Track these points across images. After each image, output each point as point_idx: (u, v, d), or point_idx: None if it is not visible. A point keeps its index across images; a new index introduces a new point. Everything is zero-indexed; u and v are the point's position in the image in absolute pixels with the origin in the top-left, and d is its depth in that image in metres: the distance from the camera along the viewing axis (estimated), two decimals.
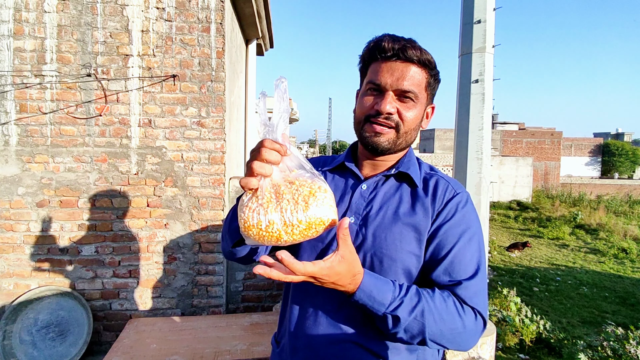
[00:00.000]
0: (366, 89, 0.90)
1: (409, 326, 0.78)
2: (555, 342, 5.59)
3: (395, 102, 0.88)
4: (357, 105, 0.94)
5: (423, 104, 0.91)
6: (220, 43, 2.67)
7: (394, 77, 0.86)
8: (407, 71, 0.86)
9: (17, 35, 2.51)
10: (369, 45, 0.90)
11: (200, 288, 2.76)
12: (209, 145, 2.70)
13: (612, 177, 28.50)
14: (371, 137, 0.90)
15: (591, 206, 18.86)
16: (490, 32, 4.69)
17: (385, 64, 0.87)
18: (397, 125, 0.89)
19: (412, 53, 0.85)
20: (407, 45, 0.85)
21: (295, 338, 0.93)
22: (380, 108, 0.86)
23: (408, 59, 0.86)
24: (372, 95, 0.89)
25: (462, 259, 0.85)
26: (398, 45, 0.85)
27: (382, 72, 0.87)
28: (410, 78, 0.86)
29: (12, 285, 2.58)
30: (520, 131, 27.88)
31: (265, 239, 0.74)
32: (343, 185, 0.98)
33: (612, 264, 11.47)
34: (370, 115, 0.89)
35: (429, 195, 0.92)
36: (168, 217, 2.70)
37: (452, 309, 0.81)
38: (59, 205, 2.60)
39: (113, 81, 2.60)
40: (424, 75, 0.88)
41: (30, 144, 2.57)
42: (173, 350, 2.03)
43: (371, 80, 0.88)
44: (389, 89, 0.87)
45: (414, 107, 0.89)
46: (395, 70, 0.86)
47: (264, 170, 0.73)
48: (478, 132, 4.73)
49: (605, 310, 7.76)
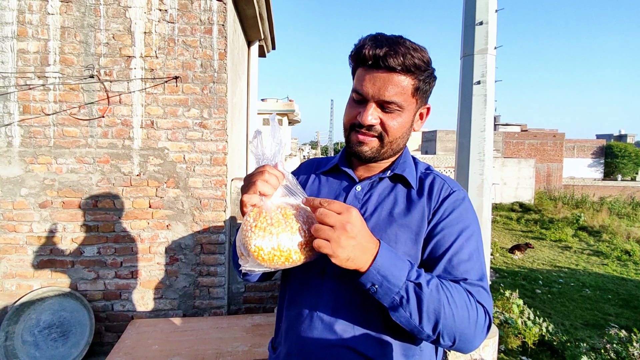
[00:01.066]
0: (351, 97, 0.89)
1: (429, 301, 0.73)
2: (557, 344, 5.56)
3: (378, 112, 0.85)
4: (344, 112, 0.92)
5: (411, 110, 0.88)
6: (223, 45, 2.67)
7: (376, 88, 0.83)
8: (389, 81, 0.82)
9: (20, 37, 2.52)
10: (354, 49, 0.87)
11: (201, 289, 2.76)
12: (211, 146, 2.71)
13: (615, 178, 28.37)
14: (355, 147, 0.89)
15: (594, 208, 18.78)
16: (492, 34, 4.69)
17: (368, 72, 0.84)
18: (381, 135, 0.87)
19: (393, 61, 0.80)
20: (390, 52, 0.80)
21: (289, 342, 0.91)
22: (361, 120, 0.85)
23: (390, 68, 0.81)
24: (353, 106, 0.88)
25: (461, 257, 0.83)
26: (380, 51, 0.80)
27: (365, 82, 0.84)
28: (393, 88, 0.82)
29: (14, 286, 2.59)
30: (522, 133, 27.82)
31: (276, 260, 0.74)
32: (337, 187, 0.97)
33: (615, 266, 11.41)
34: (354, 124, 0.88)
35: (424, 194, 0.90)
36: (170, 218, 2.70)
37: (464, 296, 0.77)
38: (61, 206, 2.61)
39: (116, 82, 2.61)
40: (409, 81, 0.83)
41: (33, 145, 2.58)
42: (174, 352, 2.03)
43: (355, 89, 0.87)
44: (371, 100, 0.84)
45: (398, 116, 0.86)
46: (377, 80, 0.82)
47: (266, 189, 0.75)
48: (480, 133, 4.72)
49: (608, 313, 7.72)
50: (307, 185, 1.01)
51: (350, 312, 0.86)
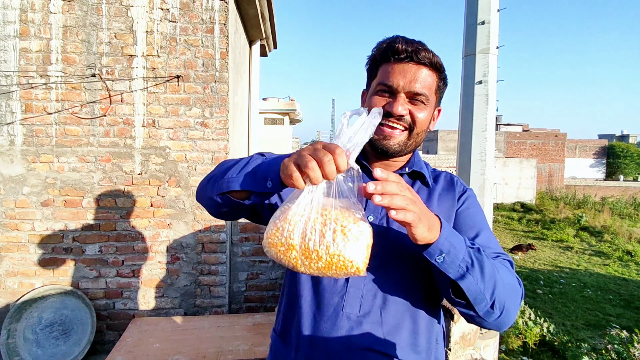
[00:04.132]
0: (376, 90, 0.89)
1: (487, 265, 0.74)
2: (558, 345, 5.55)
3: (407, 103, 0.87)
4: (367, 106, 0.90)
5: (432, 106, 0.91)
6: (224, 44, 2.68)
7: (407, 79, 0.85)
8: (420, 73, 0.86)
9: (23, 36, 2.53)
10: (380, 46, 0.89)
11: (203, 288, 2.76)
12: (212, 145, 2.71)
13: (617, 179, 28.29)
14: (380, 141, 0.88)
15: (596, 208, 18.73)
16: (494, 33, 4.68)
17: (398, 65, 0.86)
18: (410, 127, 0.88)
19: (424, 55, 0.85)
20: (420, 48, 0.85)
21: (311, 345, 0.88)
22: (392, 109, 0.85)
23: (420, 62, 0.85)
24: (382, 97, 0.88)
25: (490, 238, 0.89)
26: (411, 47, 0.85)
27: (394, 74, 0.86)
28: (423, 80, 0.86)
29: (16, 284, 2.60)
30: (524, 132, 27.76)
31: (283, 261, 0.67)
32: None
33: (617, 267, 11.39)
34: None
35: (445, 187, 0.96)
36: (171, 217, 2.71)
37: (506, 265, 0.82)
38: (63, 205, 2.62)
39: (117, 82, 2.61)
40: (434, 78, 0.89)
41: (36, 143, 2.58)
42: (176, 350, 2.03)
43: (382, 82, 0.87)
44: (401, 91, 0.86)
45: (425, 109, 0.89)
46: (408, 72, 0.85)
47: (316, 175, 0.61)
48: (482, 133, 4.72)
49: (610, 313, 7.71)
50: None
51: (379, 311, 0.86)
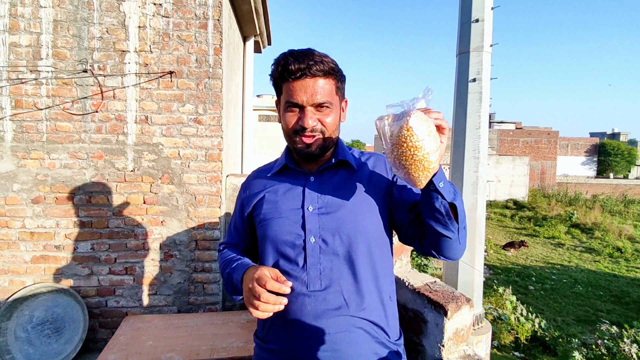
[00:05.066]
0: (286, 107, 1.02)
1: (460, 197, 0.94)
2: (550, 340, 5.62)
3: (314, 114, 1.00)
4: (282, 121, 1.05)
5: (337, 105, 1.05)
6: (218, 40, 2.65)
7: (308, 94, 0.98)
8: (317, 85, 0.98)
9: (12, 30, 2.49)
10: (277, 67, 1.00)
11: (196, 285, 2.75)
12: (206, 142, 2.69)
13: (608, 176, 28.64)
14: (304, 149, 1.03)
15: (587, 205, 18.96)
16: (488, 31, 4.70)
17: (296, 82, 0.98)
18: (322, 132, 1.02)
19: (316, 69, 0.97)
20: (311, 63, 0.96)
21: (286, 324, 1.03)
22: (304, 124, 0.99)
23: (315, 75, 0.98)
24: (293, 112, 1.01)
25: None
26: (303, 64, 0.96)
27: (296, 92, 0.98)
28: (322, 90, 0.99)
29: (7, 282, 2.57)
30: (517, 130, 27.96)
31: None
32: (293, 182, 1.10)
33: (607, 263, 11.54)
34: (297, 130, 1.01)
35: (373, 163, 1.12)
36: (164, 214, 2.69)
37: None
38: (54, 202, 2.59)
39: (109, 77, 2.58)
40: (331, 83, 1.02)
41: (26, 140, 2.55)
42: (169, 348, 2.02)
43: (288, 100, 1.00)
44: (307, 105, 0.99)
45: (331, 113, 1.03)
46: (308, 87, 0.98)
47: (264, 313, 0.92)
48: (475, 131, 4.74)
49: (600, 309, 7.82)
50: (265, 187, 1.14)
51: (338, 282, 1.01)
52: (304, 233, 1.02)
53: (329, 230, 1.01)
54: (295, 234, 1.03)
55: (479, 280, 4.92)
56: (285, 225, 1.04)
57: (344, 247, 1.01)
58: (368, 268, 1.03)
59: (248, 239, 1.21)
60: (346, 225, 1.01)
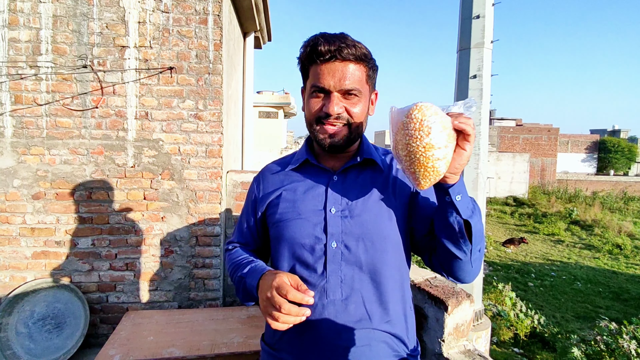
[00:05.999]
0: (311, 92, 0.94)
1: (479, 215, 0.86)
2: (549, 336, 5.64)
3: (341, 101, 0.92)
4: (305, 108, 0.98)
5: (367, 96, 0.97)
6: (218, 35, 2.64)
7: (336, 79, 0.90)
8: (347, 70, 0.90)
9: (11, 25, 2.48)
10: (305, 48, 0.93)
11: (197, 281, 2.76)
12: (206, 138, 2.69)
13: (608, 173, 28.63)
14: (326, 139, 0.95)
15: (587, 202, 18.97)
16: (489, 28, 4.68)
17: (325, 65, 0.90)
18: (348, 122, 0.94)
19: (347, 52, 0.89)
20: (342, 45, 0.89)
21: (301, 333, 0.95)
22: (328, 110, 0.91)
23: (345, 59, 0.90)
24: (318, 98, 0.93)
25: None
26: (334, 46, 0.89)
27: (324, 75, 0.90)
28: (351, 76, 0.91)
29: (8, 278, 2.58)
30: (517, 127, 27.93)
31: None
32: (314, 180, 1.01)
33: (607, 260, 11.57)
34: (321, 117, 0.94)
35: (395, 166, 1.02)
36: (165, 210, 2.69)
37: None
38: (55, 198, 2.59)
39: (109, 73, 2.57)
40: (362, 70, 0.93)
41: (26, 135, 2.54)
42: (170, 343, 2.03)
43: (314, 84, 0.92)
44: (333, 90, 0.91)
45: (359, 102, 0.94)
46: (336, 72, 0.90)
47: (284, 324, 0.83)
48: (475, 127, 4.73)
49: (599, 306, 7.84)
50: (283, 184, 1.05)
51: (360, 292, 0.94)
52: (325, 237, 0.94)
53: (352, 235, 0.93)
54: (316, 237, 0.95)
55: (478, 277, 4.94)
56: (304, 228, 0.96)
57: (368, 254, 0.93)
58: (392, 278, 0.96)
59: (260, 239, 1.12)
60: (371, 230, 0.93)
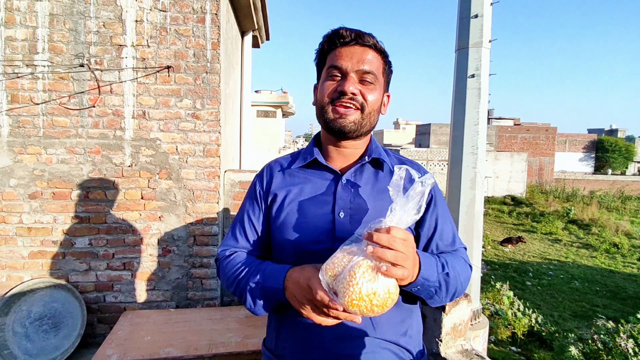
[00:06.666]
0: (327, 75, 0.94)
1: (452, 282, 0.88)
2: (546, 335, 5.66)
3: (357, 84, 0.91)
4: (319, 92, 0.96)
5: (381, 87, 0.96)
6: (216, 34, 2.64)
7: (354, 60, 0.91)
8: (366, 54, 0.92)
9: (8, 23, 2.46)
10: (327, 36, 0.95)
11: (195, 281, 2.75)
12: (203, 137, 2.68)
13: (606, 172, 28.71)
14: (336, 120, 0.92)
15: (584, 201, 19.02)
16: (487, 27, 4.68)
17: (345, 48, 0.92)
18: (362, 106, 0.92)
19: (368, 39, 0.92)
20: (364, 33, 0.92)
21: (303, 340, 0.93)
22: (344, 89, 0.90)
23: (365, 44, 0.92)
24: (333, 80, 0.93)
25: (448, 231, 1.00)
26: (355, 32, 0.92)
27: (343, 57, 0.91)
28: (370, 61, 0.92)
29: (4, 278, 2.56)
30: (515, 127, 27.98)
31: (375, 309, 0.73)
32: (321, 181, 0.98)
33: (604, 259, 11.60)
34: (334, 98, 0.92)
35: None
36: (162, 209, 2.68)
37: (462, 262, 0.95)
38: (51, 197, 2.58)
39: (106, 72, 2.56)
40: (380, 60, 0.95)
41: (22, 134, 2.53)
42: (167, 343, 2.03)
43: (332, 65, 0.92)
44: (350, 71, 0.91)
45: (374, 89, 0.93)
46: (355, 54, 0.91)
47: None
48: (474, 126, 4.74)
49: (597, 304, 7.87)
50: (287, 184, 1.00)
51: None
52: (333, 244, 0.90)
53: None
54: (323, 242, 0.91)
55: (476, 276, 4.94)
56: (311, 232, 0.92)
57: None
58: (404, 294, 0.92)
59: (264, 241, 1.03)
60: None
